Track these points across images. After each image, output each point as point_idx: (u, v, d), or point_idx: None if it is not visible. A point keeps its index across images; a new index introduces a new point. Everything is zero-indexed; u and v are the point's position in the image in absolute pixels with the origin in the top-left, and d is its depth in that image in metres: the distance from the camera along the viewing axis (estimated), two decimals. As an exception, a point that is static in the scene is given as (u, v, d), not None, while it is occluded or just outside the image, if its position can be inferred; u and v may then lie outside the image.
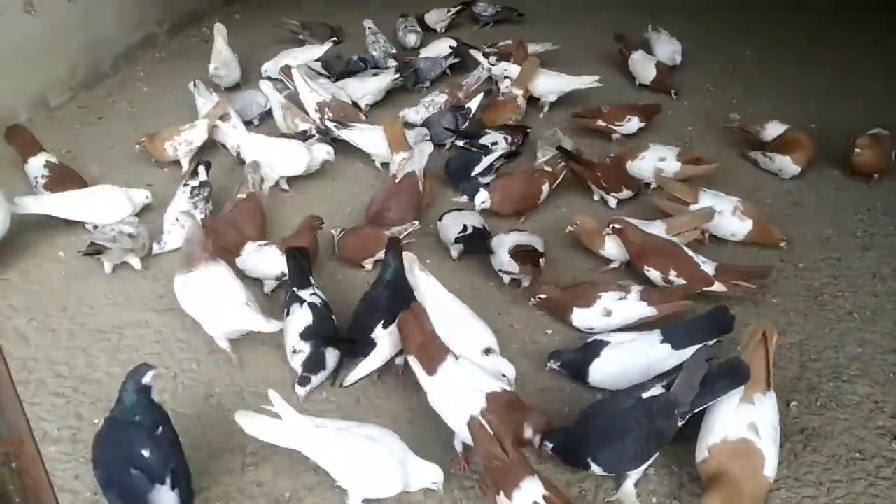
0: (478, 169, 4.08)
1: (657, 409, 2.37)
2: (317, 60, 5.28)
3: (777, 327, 3.11)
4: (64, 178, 3.88)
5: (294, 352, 2.90)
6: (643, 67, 5.33)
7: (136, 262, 3.47)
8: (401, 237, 3.33)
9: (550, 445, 2.45)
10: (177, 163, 4.25)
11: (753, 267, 3.42)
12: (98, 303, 3.32)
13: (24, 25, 4.63)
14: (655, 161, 4.05)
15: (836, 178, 4.23)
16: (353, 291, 3.20)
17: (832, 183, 4.21)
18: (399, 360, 2.89)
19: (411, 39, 5.81)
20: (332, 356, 2.91)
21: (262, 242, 3.40)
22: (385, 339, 2.80)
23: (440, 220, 3.64)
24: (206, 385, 2.92)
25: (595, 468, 2.40)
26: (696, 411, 2.39)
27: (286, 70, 4.80)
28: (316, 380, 2.86)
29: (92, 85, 5.22)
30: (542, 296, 3.17)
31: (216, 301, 2.91)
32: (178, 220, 3.55)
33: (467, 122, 4.58)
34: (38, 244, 3.68)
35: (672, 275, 3.23)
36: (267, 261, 3.33)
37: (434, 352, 2.57)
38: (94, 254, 3.34)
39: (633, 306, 3.04)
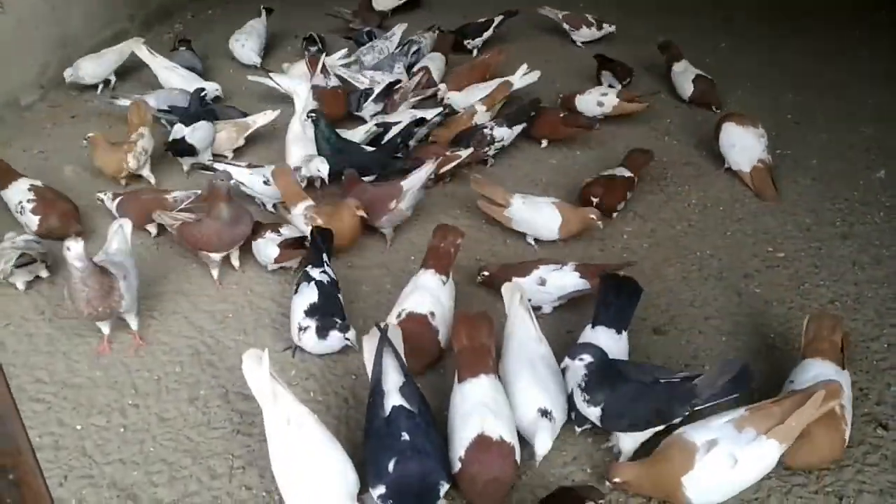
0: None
1: (678, 394, 2.41)
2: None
3: (761, 318, 3.20)
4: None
5: (300, 329, 2.91)
6: (684, 80, 5.02)
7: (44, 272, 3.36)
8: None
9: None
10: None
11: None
12: (76, 306, 3.25)
13: (-9, 24, 4.50)
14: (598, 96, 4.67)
15: (814, 168, 4.27)
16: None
17: (809, 173, 4.25)
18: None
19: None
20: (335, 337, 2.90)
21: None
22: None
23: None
24: (190, 387, 2.86)
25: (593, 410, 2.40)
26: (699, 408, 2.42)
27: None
28: (332, 336, 2.87)
29: (63, 83, 5.10)
30: (486, 273, 3.28)
31: None
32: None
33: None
34: (11, 247, 3.59)
35: None
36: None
37: (474, 362, 2.55)
38: (26, 264, 3.23)
39: (567, 276, 3.12)
